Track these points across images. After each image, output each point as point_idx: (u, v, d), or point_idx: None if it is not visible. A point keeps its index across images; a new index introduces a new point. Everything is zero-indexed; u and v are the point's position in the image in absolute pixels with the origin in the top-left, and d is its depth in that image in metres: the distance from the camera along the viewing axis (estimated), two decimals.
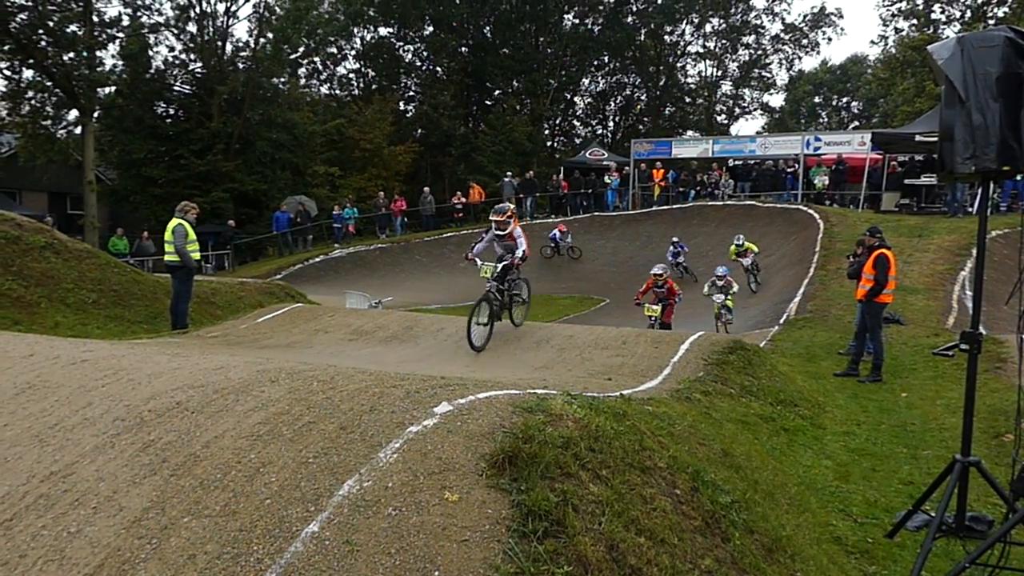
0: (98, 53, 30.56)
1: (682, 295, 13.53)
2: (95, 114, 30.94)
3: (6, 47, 27.64)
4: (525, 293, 9.76)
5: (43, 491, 2.98)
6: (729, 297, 15.71)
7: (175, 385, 3.77)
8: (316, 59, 41.63)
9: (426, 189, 31.17)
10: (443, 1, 43.48)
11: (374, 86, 44.60)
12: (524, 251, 9.05)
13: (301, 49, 36.56)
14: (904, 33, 38.01)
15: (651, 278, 13.16)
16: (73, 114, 30.55)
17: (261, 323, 10.81)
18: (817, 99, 59.03)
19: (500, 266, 8.96)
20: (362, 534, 2.55)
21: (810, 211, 21.88)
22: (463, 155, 41.78)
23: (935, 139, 4.59)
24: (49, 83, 29.54)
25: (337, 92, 45.67)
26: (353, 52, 45.72)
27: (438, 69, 45.86)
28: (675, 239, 22.51)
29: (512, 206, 9.38)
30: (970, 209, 21.01)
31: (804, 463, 6.17)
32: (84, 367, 4.16)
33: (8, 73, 29.01)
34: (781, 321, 13.85)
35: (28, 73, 29.58)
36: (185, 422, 3.35)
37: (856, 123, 54.61)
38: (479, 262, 9.05)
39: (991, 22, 32.77)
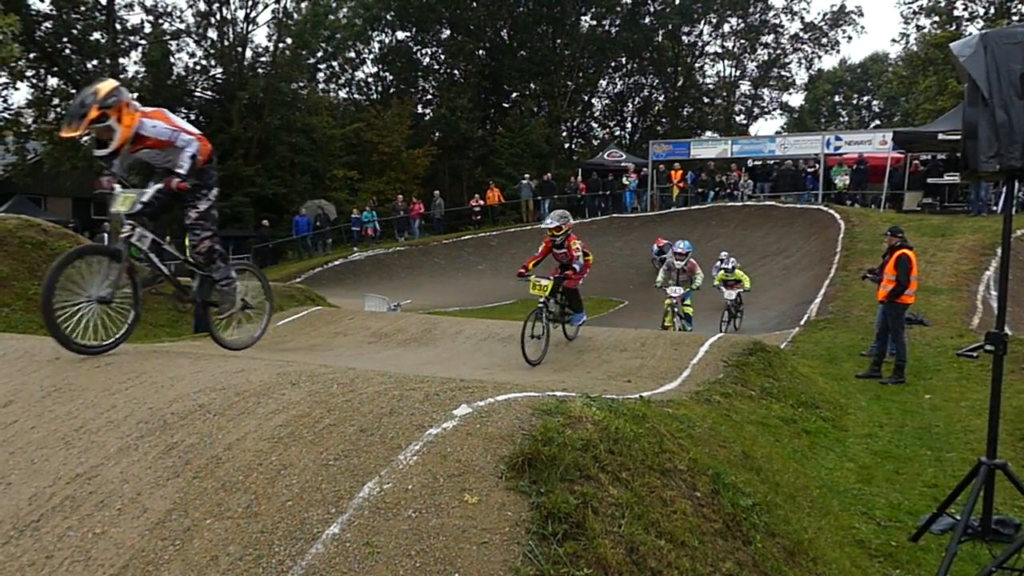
0: (121, 60, 31.05)
1: (587, 256, 9.20)
2: None
3: (32, 55, 28.10)
4: (236, 292, 5.53)
5: (69, 492, 3.02)
6: (687, 302, 12.48)
7: (197, 388, 3.81)
8: (334, 63, 41.91)
9: (436, 192, 31.19)
10: (460, 4, 43.57)
11: (392, 90, 44.79)
12: (187, 164, 4.82)
13: (319, 54, 36.83)
14: (926, 30, 37.57)
15: (547, 237, 8.96)
16: None
17: (281, 326, 10.89)
18: (837, 98, 58.47)
19: (144, 196, 4.75)
20: (382, 536, 2.56)
21: (831, 211, 21.68)
22: (481, 158, 41.85)
23: (958, 138, 4.54)
24: (73, 90, 29.98)
25: (355, 96, 45.96)
26: (371, 56, 46.00)
27: (455, 72, 45.97)
28: (724, 254, 17.42)
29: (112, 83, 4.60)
30: (994, 208, 20.71)
31: (826, 465, 6.12)
32: (108, 370, 4.21)
33: (34, 81, 29.50)
34: (802, 322, 13.72)
35: (53, 81, 30.10)
36: (207, 425, 3.38)
37: (877, 122, 54.03)
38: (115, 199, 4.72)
39: (1015, 18, 32.32)
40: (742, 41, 49.44)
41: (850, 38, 63.82)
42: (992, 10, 33.93)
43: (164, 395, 3.76)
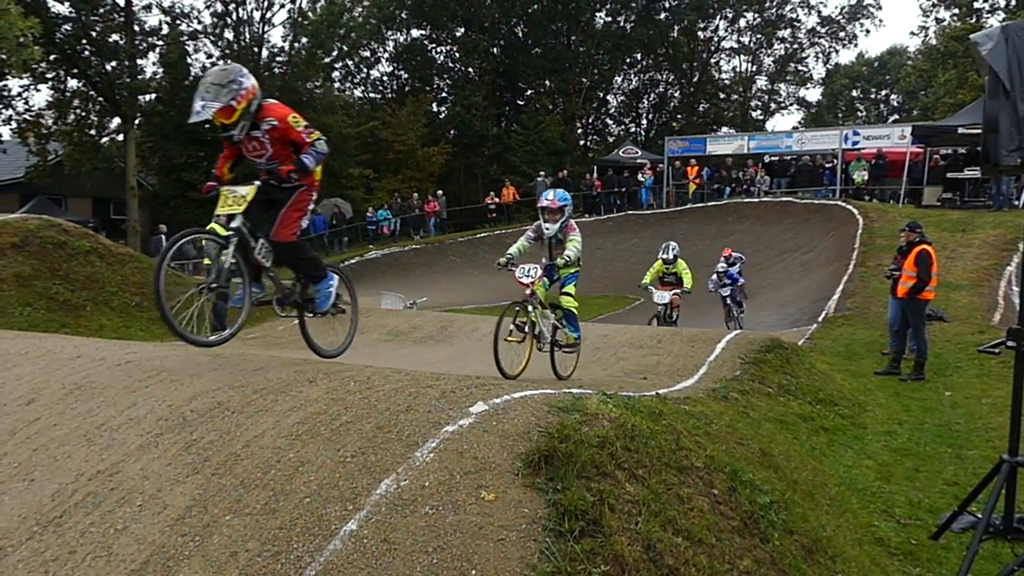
0: (139, 61, 31.33)
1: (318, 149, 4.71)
2: (136, 121, 31.67)
3: (52, 57, 28.42)
4: None
5: (91, 489, 3.06)
6: (566, 288, 6.88)
7: (216, 385, 3.84)
8: (350, 62, 42.04)
9: (439, 192, 31.21)
10: (474, 2, 43.56)
11: (407, 88, 44.88)
12: None
13: (334, 53, 36.97)
14: (945, 23, 37.12)
15: (217, 111, 4.52)
16: (115, 122, 31.35)
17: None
18: (855, 92, 57.90)
19: None
20: (400, 533, 2.58)
21: (849, 207, 21.49)
22: (496, 155, 41.83)
23: (979, 131, 4.48)
24: (92, 92, 30.32)
25: (371, 95, 46.09)
26: (386, 55, 46.14)
27: (470, 70, 45.98)
28: (721, 269, 15.07)
29: None
30: (1016, 203, 20.45)
31: (844, 463, 6.08)
32: (129, 368, 4.26)
33: (54, 83, 29.84)
34: (820, 319, 13.62)
35: (72, 83, 30.44)
36: (226, 422, 3.41)
37: (896, 116, 53.48)
38: None
39: None
40: (758, 36, 49.05)
41: (868, 32, 63.02)
42: (1013, 1, 33.44)
43: (183, 392, 3.79)
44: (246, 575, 2.47)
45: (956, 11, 36.14)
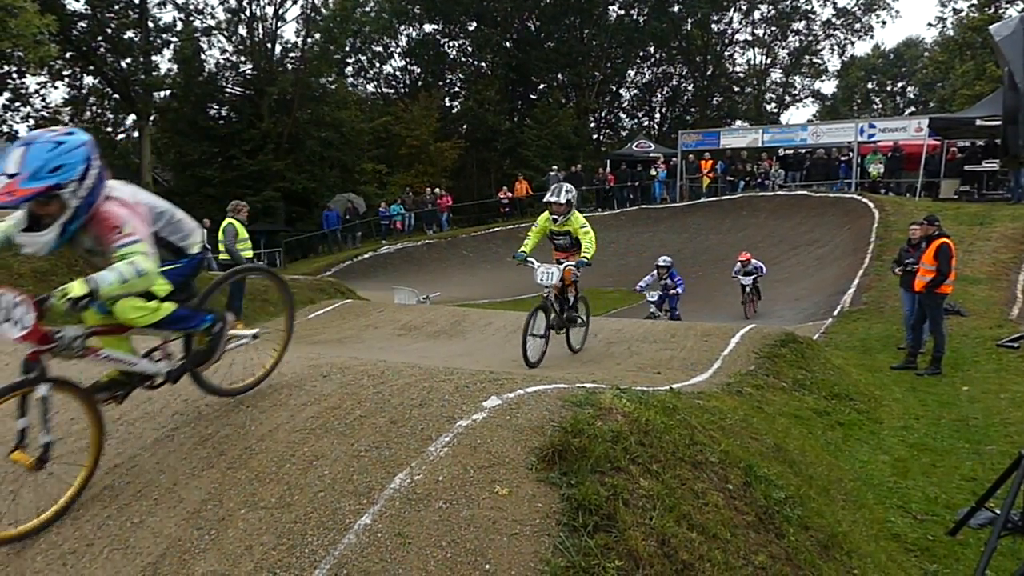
0: (153, 58, 31.54)
1: None
2: (151, 118, 31.88)
3: (68, 55, 28.64)
4: None
5: (108, 482, 3.09)
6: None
7: (231, 380, 3.86)
8: (363, 58, 42.14)
9: (437, 190, 31.17)
10: None
11: (420, 83, 44.91)
12: None
13: (347, 48, 37.04)
14: (963, 14, 36.69)
15: None
16: (131, 118, 31.59)
17: (312, 319, 10.99)
18: (871, 85, 57.28)
19: None
20: (414, 527, 2.58)
21: (864, 200, 21.28)
22: (509, 150, 41.78)
23: (997, 123, 4.42)
24: (108, 89, 30.55)
25: (384, 90, 46.17)
26: (399, 50, 46.18)
27: (483, 64, 45.93)
28: (663, 263, 14.69)
29: None
30: None
31: (860, 458, 6.03)
32: None
33: (69, 80, 30.09)
34: (835, 313, 13.52)
35: (88, 80, 30.69)
36: (241, 416, 3.43)
37: (912, 109, 52.89)
38: None
39: None
40: (773, 28, 48.68)
41: (884, 23, 61.80)
42: None
43: None
44: (261, 568, 2.49)
45: (974, 1, 35.68)
